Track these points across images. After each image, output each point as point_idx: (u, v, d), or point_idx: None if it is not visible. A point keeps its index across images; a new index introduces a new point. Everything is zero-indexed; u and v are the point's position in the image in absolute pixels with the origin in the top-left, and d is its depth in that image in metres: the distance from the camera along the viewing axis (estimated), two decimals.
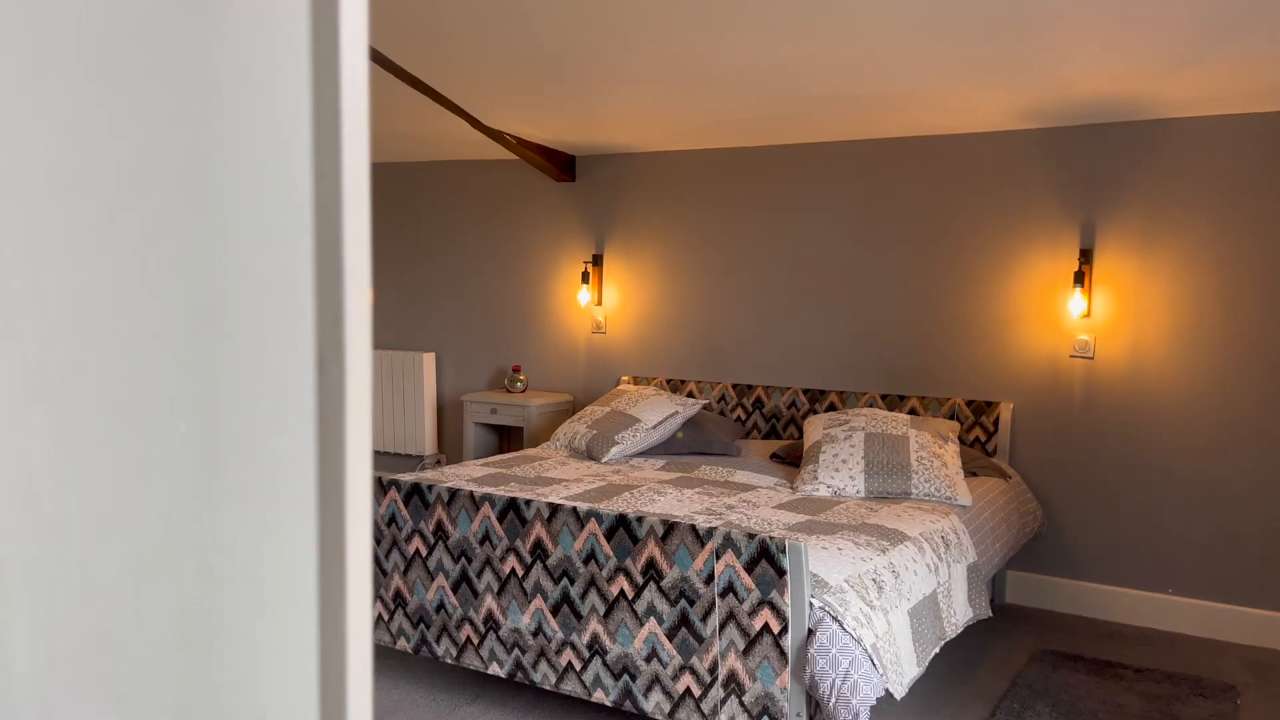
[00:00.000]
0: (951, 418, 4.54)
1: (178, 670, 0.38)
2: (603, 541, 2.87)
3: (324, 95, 0.40)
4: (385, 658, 3.70)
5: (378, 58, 3.82)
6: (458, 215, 6.05)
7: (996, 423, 4.46)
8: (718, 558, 2.68)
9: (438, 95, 4.30)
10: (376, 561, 3.33)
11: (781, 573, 2.59)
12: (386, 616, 3.32)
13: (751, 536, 2.63)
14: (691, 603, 2.73)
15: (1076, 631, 4.15)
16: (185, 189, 0.40)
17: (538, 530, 2.99)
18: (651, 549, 2.79)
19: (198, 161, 0.40)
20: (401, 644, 3.30)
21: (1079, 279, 4.22)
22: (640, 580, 2.81)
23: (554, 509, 2.96)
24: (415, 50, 3.81)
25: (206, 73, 0.40)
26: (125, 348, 0.37)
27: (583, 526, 2.90)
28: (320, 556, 0.39)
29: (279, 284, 0.41)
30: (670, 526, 2.75)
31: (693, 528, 2.72)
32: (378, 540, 3.33)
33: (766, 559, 2.61)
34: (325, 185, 0.39)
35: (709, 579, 2.70)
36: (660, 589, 2.78)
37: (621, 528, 2.84)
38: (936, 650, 3.05)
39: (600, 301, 5.55)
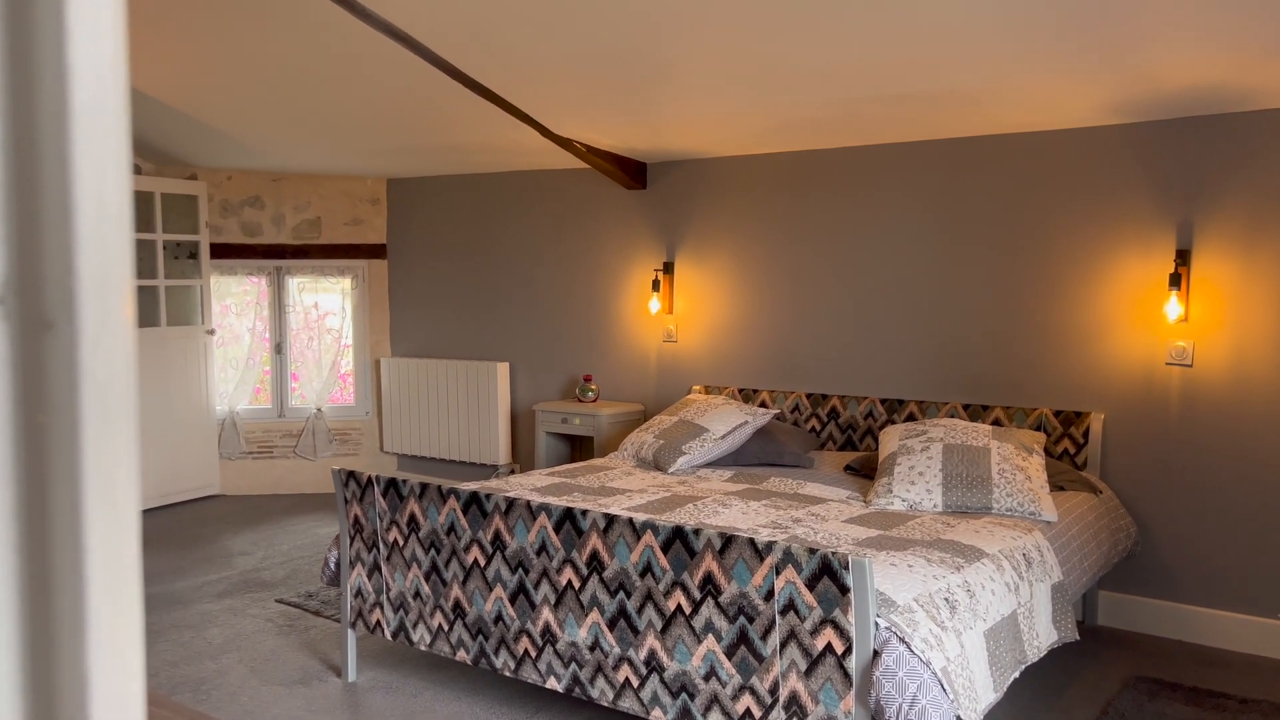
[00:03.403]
0: (1038, 429, 4.32)
1: None
2: (659, 554, 2.78)
3: None
4: (446, 669, 3.66)
5: (446, 68, 3.80)
6: (529, 225, 6.03)
7: (1086, 434, 4.22)
8: (777, 573, 2.56)
9: (506, 104, 4.28)
10: (436, 571, 3.29)
11: (845, 590, 2.46)
12: (446, 627, 3.28)
13: (813, 551, 2.50)
14: (751, 620, 2.62)
15: (1174, 657, 3.88)
16: None
17: (594, 541, 2.91)
18: (709, 563, 2.68)
19: None
20: (461, 655, 3.25)
21: (1175, 281, 3.97)
22: (698, 595, 2.71)
23: (610, 520, 2.87)
24: (483, 60, 3.79)
25: None
26: None
27: (639, 538, 2.81)
28: (25, 575, 0.30)
29: None
30: (728, 540, 2.64)
31: (751, 541, 2.60)
32: (437, 549, 3.29)
33: (829, 575, 2.48)
34: (39, 95, 0.30)
35: (769, 595, 2.58)
36: (718, 605, 2.67)
37: (678, 540, 2.74)
38: (1016, 675, 2.87)
39: (671, 310, 5.46)
